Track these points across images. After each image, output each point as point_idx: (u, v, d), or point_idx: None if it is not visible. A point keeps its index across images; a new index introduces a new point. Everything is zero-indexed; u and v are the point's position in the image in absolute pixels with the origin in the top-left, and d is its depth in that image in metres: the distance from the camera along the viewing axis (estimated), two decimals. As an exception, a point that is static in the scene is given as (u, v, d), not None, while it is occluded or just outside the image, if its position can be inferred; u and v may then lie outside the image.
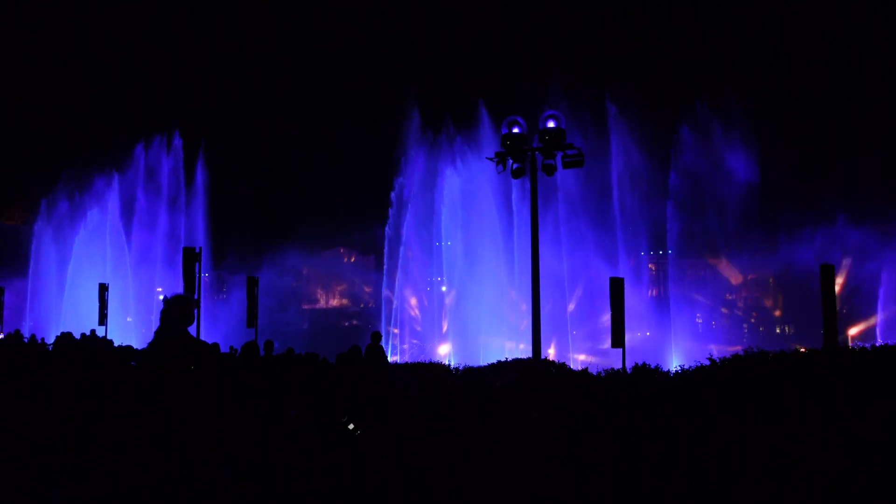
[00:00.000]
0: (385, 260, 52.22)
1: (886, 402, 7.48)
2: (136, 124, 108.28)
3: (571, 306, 45.63)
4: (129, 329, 44.34)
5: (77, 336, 21.98)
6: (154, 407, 6.22)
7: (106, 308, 33.87)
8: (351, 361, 11.94)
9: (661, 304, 48.95)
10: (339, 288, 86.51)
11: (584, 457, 6.20)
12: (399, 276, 50.68)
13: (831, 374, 9.35)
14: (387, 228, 51.30)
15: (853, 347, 15.74)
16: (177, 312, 7.18)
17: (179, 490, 6.19)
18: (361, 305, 78.83)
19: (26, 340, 25.09)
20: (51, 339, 25.28)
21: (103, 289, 34.22)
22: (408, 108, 49.44)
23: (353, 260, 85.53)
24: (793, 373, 9.67)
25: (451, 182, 46.82)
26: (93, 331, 27.32)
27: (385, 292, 51.76)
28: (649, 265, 57.31)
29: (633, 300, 38.51)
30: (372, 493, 6.16)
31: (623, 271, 41.85)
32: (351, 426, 6.54)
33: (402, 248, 49.72)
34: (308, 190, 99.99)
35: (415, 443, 6.71)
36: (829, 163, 64.51)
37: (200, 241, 50.70)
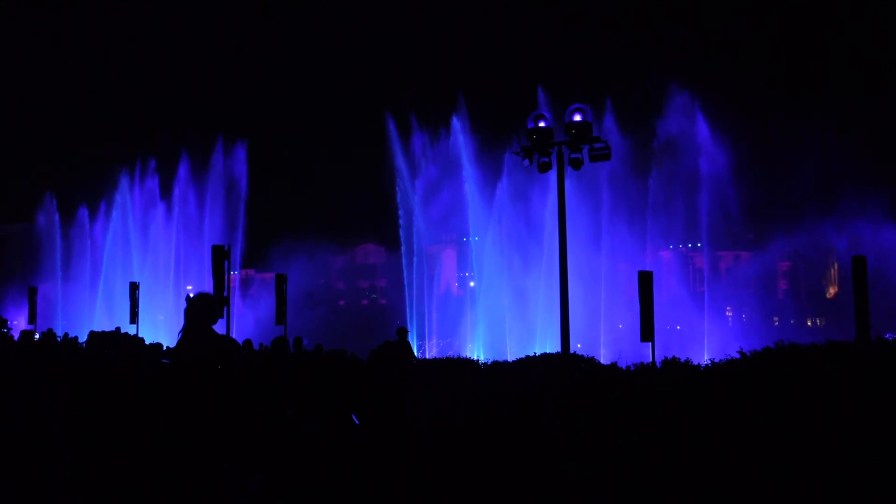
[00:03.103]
0: (404, 254, 52.06)
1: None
2: (136, 125, 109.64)
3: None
4: (161, 327, 44.89)
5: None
6: (156, 405, 6.28)
7: (137, 307, 34.29)
8: (383, 356, 11.95)
9: (694, 298, 48.39)
10: (367, 284, 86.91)
11: (586, 455, 6.13)
12: (427, 271, 50.61)
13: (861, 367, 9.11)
14: (400, 223, 51.10)
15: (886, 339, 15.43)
16: (202, 311, 7.23)
17: (181, 488, 6.23)
18: (383, 302, 79.05)
19: (59, 339, 25.54)
20: (83, 339, 25.70)
21: (134, 287, 34.65)
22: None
23: (381, 256, 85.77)
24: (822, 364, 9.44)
25: (475, 177, 46.69)
26: (118, 328, 27.75)
27: (408, 288, 51.72)
28: (680, 256, 56.72)
29: (664, 293, 38.07)
30: (373, 492, 6.14)
31: (652, 264, 41.42)
32: (352, 424, 6.54)
33: (417, 242, 49.55)
34: (308, 190, 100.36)
35: (417, 441, 6.69)
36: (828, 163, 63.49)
37: (234, 239, 51.11)
